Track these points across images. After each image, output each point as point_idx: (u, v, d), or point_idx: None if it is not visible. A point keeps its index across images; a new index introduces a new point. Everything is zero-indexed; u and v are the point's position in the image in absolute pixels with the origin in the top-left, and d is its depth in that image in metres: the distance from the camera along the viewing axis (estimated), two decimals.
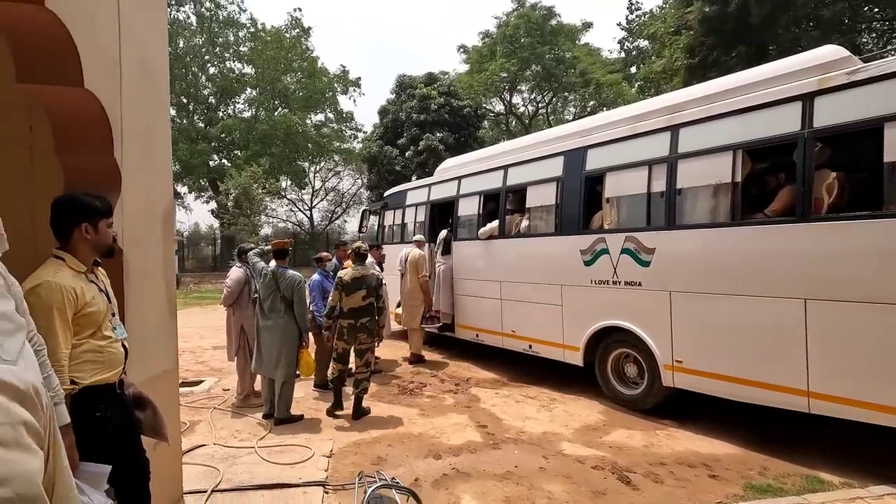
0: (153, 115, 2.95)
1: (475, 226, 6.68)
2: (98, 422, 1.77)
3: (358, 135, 33.74)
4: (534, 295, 5.71)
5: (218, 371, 6.54)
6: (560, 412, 4.82)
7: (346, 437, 4.24)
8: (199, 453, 3.88)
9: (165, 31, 3.21)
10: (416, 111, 23.85)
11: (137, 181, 2.69)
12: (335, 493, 3.28)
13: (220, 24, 29.51)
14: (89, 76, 2.22)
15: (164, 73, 3.16)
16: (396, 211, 8.91)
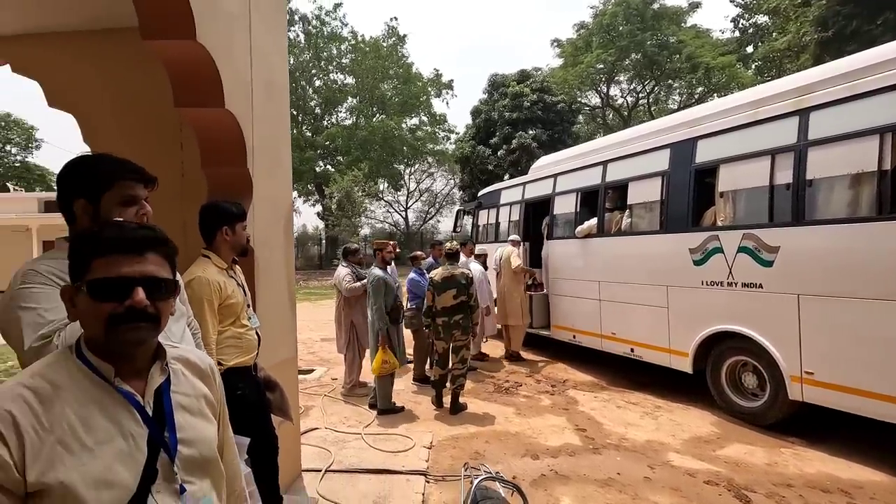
0: (277, 130, 3.29)
1: (572, 224, 6.51)
2: (238, 399, 2.03)
3: (451, 136, 34.42)
4: (636, 296, 5.43)
5: (326, 361, 7.07)
6: (666, 421, 4.54)
7: (445, 431, 4.38)
8: (313, 435, 4.23)
9: (286, 53, 3.56)
10: (508, 109, 23.74)
11: (265, 189, 3.01)
12: (436, 483, 3.42)
13: (325, 39, 31.77)
14: (228, 98, 2.54)
15: (285, 91, 3.51)
16: (490, 210, 8.96)
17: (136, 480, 0.85)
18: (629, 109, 30.26)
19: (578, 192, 6.53)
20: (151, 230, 0.95)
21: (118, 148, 3.29)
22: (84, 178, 1.26)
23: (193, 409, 0.99)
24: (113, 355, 0.89)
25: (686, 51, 25.08)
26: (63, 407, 0.83)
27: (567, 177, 6.86)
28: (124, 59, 3.21)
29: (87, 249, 0.88)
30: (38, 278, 1.19)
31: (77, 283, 0.88)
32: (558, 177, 7.03)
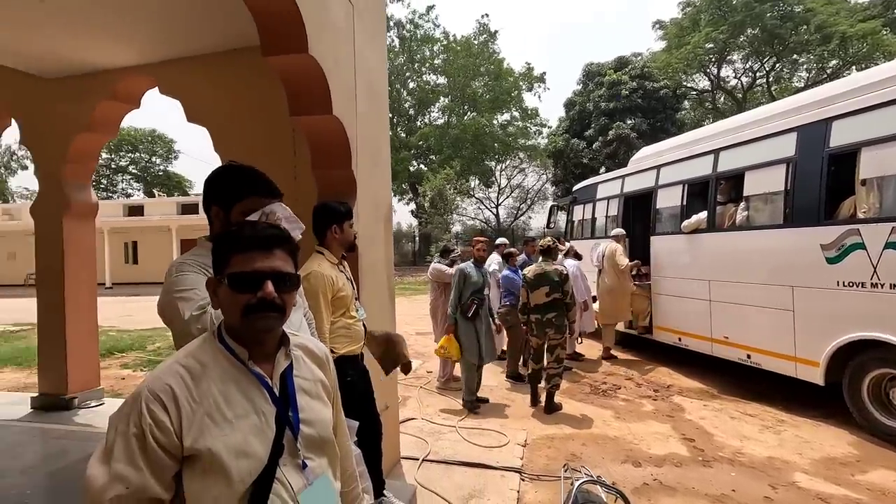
0: (378, 133, 3.46)
1: (677, 218, 6.06)
2: (347, 385, 2.17)
3: (542, 130, 33.69)
4: (754, 297, 4.91)
5: (422, 354, 7.31)
6: (791, 437, 4.06)
7: (540, 430, 4.32)
8: (410, 425, 4.40)
9: (386, 59, 3.73)
10: (604, 99, 22.69)
11: (367, 189, 3.18)
12: (531, 481, 3.39)
13: (418, 42, 32.69)
14: (335, 104, 2.72)
15: (385, 95, 3.68)
16: (586, 205, 8.64)
17: (267, 453, 0.94)
18: (744, 91, 27.36)
19: (685, 184, 6.05)
20: (278, 230, 1.05)
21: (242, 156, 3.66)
22: (221, 188, 1.44)
23: (312, 393, 1.09)
24: (247, 341, 1.01)
25: (816, 20, 22.06)
26: (209, 384, 0.95)
27: (672, 168, 6.39)
28: (247, 76, 3.58)
29: (227, 246, 1.01)
30: (188, 268, 1.38)
31: (219, 275, 1.01)
32: (662, 168, 6.58)
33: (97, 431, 3.87)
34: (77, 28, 3.40)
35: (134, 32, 3.47)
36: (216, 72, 3.67)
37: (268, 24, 2.42)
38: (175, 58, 3.78)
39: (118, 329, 10.25)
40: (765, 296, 4.78)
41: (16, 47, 3.71)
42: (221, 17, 3.27)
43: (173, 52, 3.74)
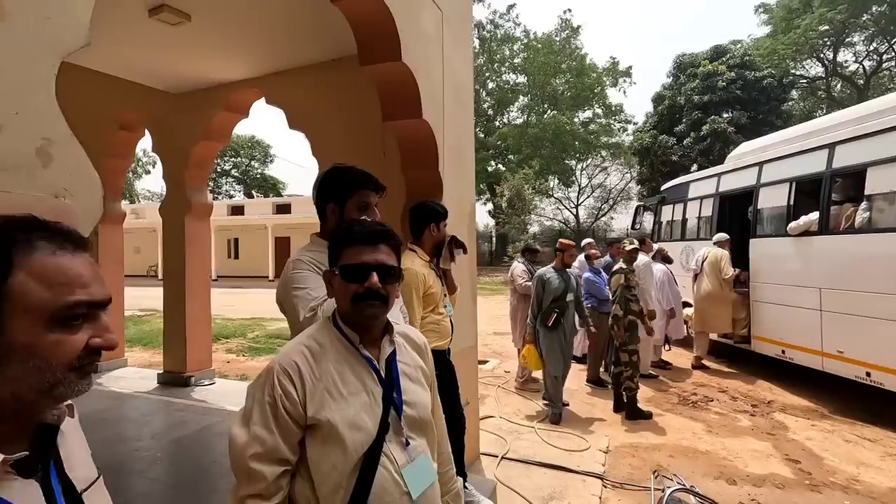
0: (463, 134, 3.55)
1: (783, 220, 5.55)
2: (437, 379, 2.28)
3: (627, 127, 32.17)
4: (877, 308, 4.38)
5: (499, 354, 7.33)
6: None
7: (623, 437, 4.18)
8: (488, 423, 4.45)
9: (471, 63, 3.81)
10: (698, 92, 21.19)
11: (452, 189, 3.27)
12: (613, 488, 3.29)
13: (498, 42, 32.62)
14: (425, 109, 2.84)
15: (470, 99, 3.76)
16: (676, 205, 8.16)
17: (375, 429, 1.04)
18: (867, 77, 24.23)
19: (792, 182, 5.53)
20: (383, 227, 1.15)
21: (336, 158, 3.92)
22: (334, 186, 1.59)
23: (413, 377, 1.18)
24: (357, 326, 1.12)
25: None
26: (328, 363, 1.07)
27: (777, 164, 5.86)
28: (341, 84, 3.83)
29: (340, 241, 1.13)
30: (303, 265, 1.53)
31: (334, 267, 1.13)
32: (765, 165, 6.05)
33: (210, 407, 4.35)
34: (200, 49, 3.84)
35: (246, 50, 3.85)
36: (315, 82, 3.97)
37: (365, 36, 2.60)
38: (280, 70, 4.14)
39: (222, 318, 11.32)
40: (890, 307, 4.24)
41: (151, 68, 4.27)
42: (320, 31, 3.53)
43: (278, 65, 4.10)
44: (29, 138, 0.98)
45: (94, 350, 0.63)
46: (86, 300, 0.62)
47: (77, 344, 0.61)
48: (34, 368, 0.59)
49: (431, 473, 1.12)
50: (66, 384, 0.61)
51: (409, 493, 1.04)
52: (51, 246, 0.62)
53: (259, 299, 15.22)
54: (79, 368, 0.62)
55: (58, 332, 0.60)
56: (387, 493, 1.01)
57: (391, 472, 1.03)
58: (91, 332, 0.63)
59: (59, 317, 0.60)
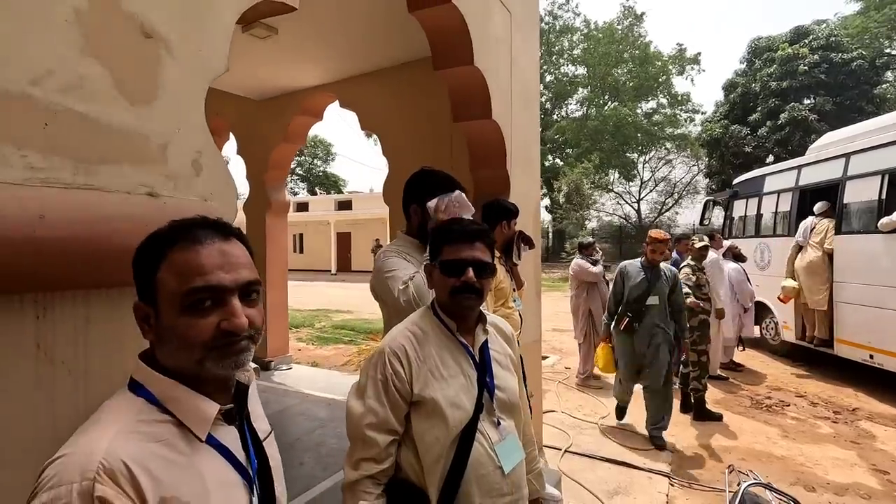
0: (530, 134, 3.61)
1: (873, 215, 5.16)
2: None
3: (695, 117, 30.53)
4: None
5: (559, 350, 7.32)
6: None
7: (691, 438, 4.10)
8: (550, 417, 4.50)
9: (538, 63, 3.85)
10: (775, 78, 19.79)
11: (519, 186, 3.35)
12: (681, 487, 3.27)
13: (557, 33, 31.93)
14: (494, 110, 2.94)
15: (536, 98, 3.81)
16: (749, 200, 7.74)
17: (472, 408, 1.17)
18: None
19: (885, 175, 5.12)
20: (478, 225, 1.27)
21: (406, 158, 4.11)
22: (418, 189, 1.72)
23: (503, 364, 1.29)
24: (454, 315, 1.24)
25: None
26: (430, 347, 1.21)
27: (867, 155, 5.44)
28: (411, 87, 4.00)
29: (440, 238, 1.25)
30: (391, 254, 1.69)
31: (434, 261, 1.26)
32: (852, 156, 5.63)
33: (289, 389, 4.71)
34: (283, 59, 4.14)
35: (323, 57, 4.11)
36: (386, 85, 4.17)
37: (439, 41, 2.73)
38: (353, 75, 4.38)
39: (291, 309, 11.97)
40: None
41: (237, 78, 4.65)
42: (392, 36, 3.71)
43: (352, 70, 4.33)
44: (188, 152, 1.19)
45: (227, 332, 0.69)
46: (202, 286, 0.68)
47: (205, 326, 0.68)
48: (179, 346, 0.69)
49: (520, 452, 1.23)
50: (212, 360, 0.69)
51: (501, 467, 1.16)
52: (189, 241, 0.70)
53: (324, 292, 15.95)
54: (217, 348, 0.68)
55: (187, 317, 0.68)
56: (482, 466, 1.14)
57: (486, 448, 1.16)
58: (221, 316, 0.69)
59: (185, 303, 0.68)
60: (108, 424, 0.66)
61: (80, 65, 0.97)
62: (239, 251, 0.74)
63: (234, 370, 0.72)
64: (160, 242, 0.72)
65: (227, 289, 0.70)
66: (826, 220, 5.81)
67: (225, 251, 0.72)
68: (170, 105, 1.15)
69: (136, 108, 1.07)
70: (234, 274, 0.71)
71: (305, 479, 2.92)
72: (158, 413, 0.70)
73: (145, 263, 0.72)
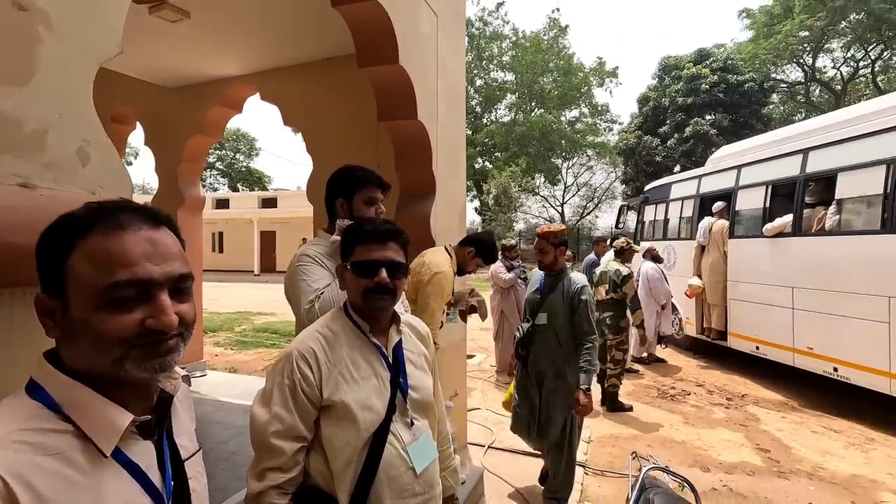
0: (456, 134, 3.66)
1: (759, 221, 5.79)
2: None
3: (613, 127, 32.60)
4: (844, 307, 4.62)
5: (485, 349, 7.47)
6: (881, 456, 3.82)
7: (605, 428, 4.35)
8: (475, 414, 4.60)
9: (464, 64, 3.91)
10: (682, 94, 21.59)
11: (445, 187, 3.38)
12: (594, 476, 3.47)
13: (487, 39, 32.68)
14: (420, 110, 2.94)
15: (462, 99, 3.86)
16: (658, 206, 8.39)
17: (384, 409, 1.16)
18: (844, 82, 24.91)
19: (768, 185, 5.76)
20: (392, 225, 1.26)
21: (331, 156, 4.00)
22: (343, 183, 1.68)
23: (417, 364, 1.29)
24: (366, 316, 1.22)
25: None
26: (341, 349, 1.18)
27: (755, 168, 6.09)
28: (337, 83, 3.90)
29: (352, 238, 1.23)
30: (308, 259, 1.63)
31: (345, 262, 1.23)
32: (743, 168, 6.29)
33: (204, 397, 4.40)
34: (198, 45, 3.88)
35: (243, 47, 3.90)
36: (310, 79, 4.03)
37: (364, 38, 2.69)
38: (275, 67, 4.19)
39: (209, 311, 11.25)
40: (857, 306, 4.49)
41: (146, 63, 4.28)
42: (317, 30, 3.59)
43: (274, 62, 4.15)
44: (71, 139, 1.07)
45: (152, 331, 0.61)
46: (127, 279, 0.60)
47: (127, 323, 0.60)
48: (93, 345, 0.60)
49: (433, 451, 1.24)
50: (133, 361, 0.61)
51: (413, 468, 1.15)
52: (111, 226, 0.61)
53: (245, 293, 15.15)
54: (140, 346, 0.61)
55: (104, 312, 0.59)
56: (393, 468, 1.13)
57: (398, 450, 1.15)
58: (146, 312, 0.61)
59: (105, 297, 0.59)
60: None
61: None
62: (170, 240, 0.66)
63: (158, 373, 0.64)
64: (73, 227, 0.61)
65: (155, 282, 0.62)
66: (722, 221, 6.42)
67: (154, 240, 0.64)
68: (49, 87, 1.03)
69: (7, 88, 0.95)
70: (164, 266, 0.63)
71: (218, 491, 2.75)
72: (57, 421, 0.60)
73: (52, 250, 0.62)
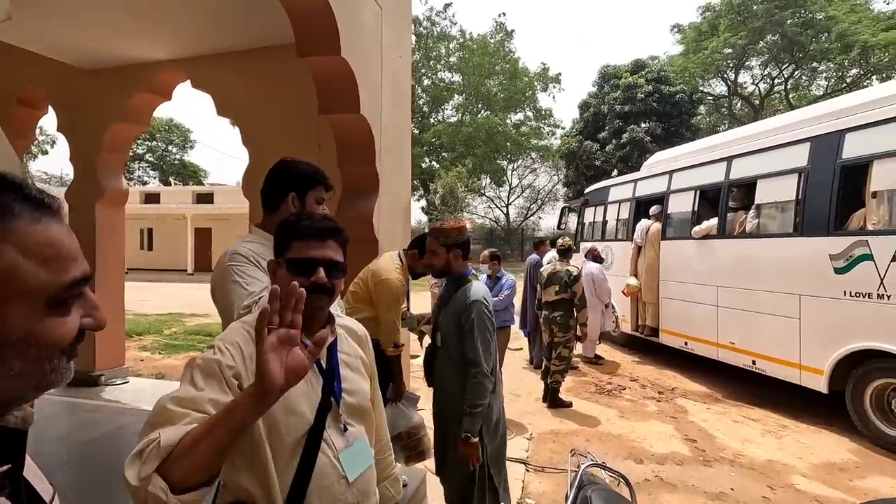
0: (401, 131, 3.60)
1: (688, 224, 6.14)
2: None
3: (556, 131, 33.65)
4: (761, 304, 4.99)
5: None
6: (792, 442, 4.15)
7: (545, 425, 4.44)
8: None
9: (410, 60, 3.86)
10: (619, 102, 22.64)
11: (389, 185, 3.32)
12: (535, 472, 3.52)
13: (434, 39, 32.74)
14: (363, 104, 2.86)
15: (408, 95, 3.81)
16: (597, 208, 8.72)
17: (313, 415, 1.08)
18: (761, 98, 27.14)
19: (697, 190, 6.13)
20: (332, 222, 1.18)
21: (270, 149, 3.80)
22: (297, 177, 1.58)
23: (353, 367, 1.22)
24: None
25: (837, 28, 21.82)
26: None
27: (685, 173, 6.46)
28: (275, 73, 3.72)
29: (288, 234, 1.14)
30: (240, 258, 1.51)
31: (279, 258, 1.14)
32: (674, 173, 6.65)
33: (124, 407, 4.06)
34: (116, 22, 3.56)
35: (169, 28, 3.63)
36: (246, 68, 3.83)
37: (303, 27, 2.57)
38: (207, 53, 3.94)
39: (135, 313, 10.49)
40: (772, 303, 4.86)
41: (59, 40, 3.89)
42: (253, 16, 3.41)
43: (206, 47, 3.89)
44: None
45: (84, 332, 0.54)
46: (80, 277, 0.53)
47: (73, 325, 0.53)
48: (35, 359, 0.50)
49: (368, 457, 1.18)
50: (59, 371, 0.52)
51: (345, 476, 1.09)
52: (34, 214, 0.50)
53: (176, 294, 14.26)
54: (70, 354, 0.53)
55: (54, 315, 0.51)
56: (325, 478, 1.06)
57: (329, 458, 1.08)
58: (81, 311, 0.54)
59: (57, 299, 0.51)
60: None
61: None
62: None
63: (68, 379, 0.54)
64: None
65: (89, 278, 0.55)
66: (657, 224, 6.76)
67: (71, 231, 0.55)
68: None
69: None
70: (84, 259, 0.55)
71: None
72: None
73: None
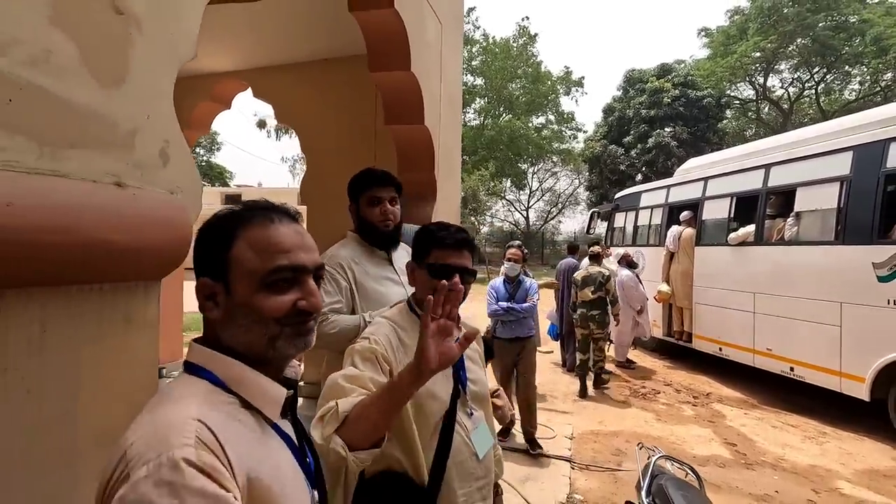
0: (453, 138, 3.76)
1: (724, 230, 6.17)
2: None
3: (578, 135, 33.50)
4: (800, 311, 5.01)
5: None
6: (833, 448, 4.18)
7: (585, 425, 4.54)
8: None
9: (461, 71, 4.02)
10: (645, 107, 22.49)
11: (444, 190, 3.47)
12: (580, 470, 3.63)
13: None
14: (426, 115, 3.02)
15: (459, 105, 3.97)
16: (628, 213, 8.76)
17: (448, 399, 1.24)
18: (791, 102, 26.61)
19: (733, 197, 6.15)
20: (466, 234, 1.33)
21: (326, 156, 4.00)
22: (351, 188, 1.79)
23: (473, 359, 1.38)
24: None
25: (872, 31, 21.33)
26: (410, 341, 1.25)
27: (720, 180, 6.49)
28: (334, 84, 3.92)
29: (428, 241, 1.29)
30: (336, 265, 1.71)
31: (419, 262, 1.30)
32: (709, 180, 6.68)
33: None
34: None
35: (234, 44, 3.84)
36: (307, 78, 4.02)
37: (378, 44, 2.74)
38: (269, 65, 4.15)
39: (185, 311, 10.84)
40: (811, 310, 4.87)
41: None
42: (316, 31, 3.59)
43: (267, 60, 4.11)
44: (156, 140, 1.11)
45: (302, 311, 0.70)
46: (287, 265, 0.69)
47: (283, 303, 0.69)
48: (253, 322, 0.68)
49: (490, 439, 1.33)
50: (284, 338, 0.69)
51: (476, 453, 1.24)
52: (264, 220, 0.71)
53: None
54: (291, 325, 0.69)
55: (264, 293, 0.68)
56: (460, 454, 1.21)
57: (463, 437, 1.23)
58: (298, 294, 0.70)
59: (267, 280, 0.68)
60: (187, 398, 0.63)
61: (47, 36, 0.87)
62: (308, 235, 0.76)
63: (301, 350, 0.72)
64: (235, 220, 0.72)
65: (306, 269, 0.72)
66: (690, 229, 6.78)
67: (301, 232, 0.74)
68: (139, 89, 1.06)
69: (106, 89, 0.98)
70: (311, 255, 0.73)
71: None
72: (224, 394, 0.67)
73: (217, 240, 0.71)
